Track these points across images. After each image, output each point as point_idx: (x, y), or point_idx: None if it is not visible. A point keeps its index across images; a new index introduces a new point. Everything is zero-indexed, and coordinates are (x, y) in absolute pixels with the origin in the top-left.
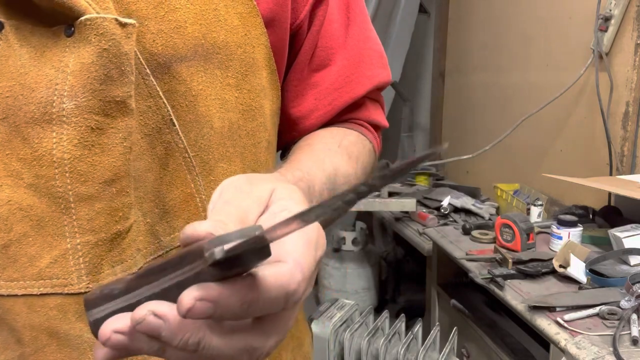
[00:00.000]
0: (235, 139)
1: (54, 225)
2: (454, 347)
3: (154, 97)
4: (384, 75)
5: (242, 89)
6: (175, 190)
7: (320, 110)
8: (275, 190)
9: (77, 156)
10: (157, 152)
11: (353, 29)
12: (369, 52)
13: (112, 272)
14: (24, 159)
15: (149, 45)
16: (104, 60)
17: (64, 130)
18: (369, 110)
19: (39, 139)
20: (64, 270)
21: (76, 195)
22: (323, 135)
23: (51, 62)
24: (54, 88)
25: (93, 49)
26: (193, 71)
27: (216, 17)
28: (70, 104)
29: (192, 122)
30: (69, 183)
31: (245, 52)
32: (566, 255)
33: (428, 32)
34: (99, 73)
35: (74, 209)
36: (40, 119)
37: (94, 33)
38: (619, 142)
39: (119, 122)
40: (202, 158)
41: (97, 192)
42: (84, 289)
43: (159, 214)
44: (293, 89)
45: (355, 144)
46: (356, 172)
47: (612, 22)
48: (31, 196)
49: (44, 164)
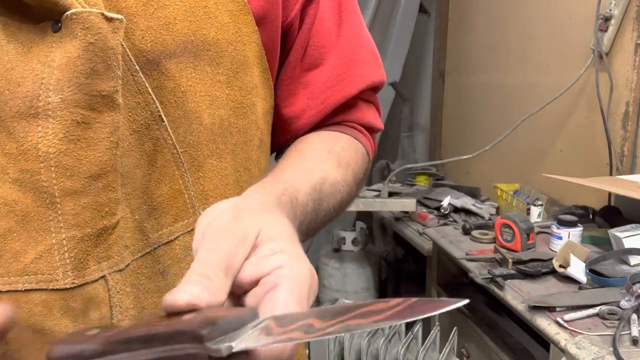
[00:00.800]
0: (226, 136)
1: (39, 220)
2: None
3: (142, 93)
4: (378, 75)
5: (233, 86)
6: (164, 186)
7: (312, 109)
8: (262, 230)
9: (62, 150)
10: (145, 148)
11: (345, 27)
12: (361, 51)
13: (98, 267)
14: (9, 153)
15: (138, 41)
16: (89, 54)
17: (49, 124)
18: (363, 112)
19: (25, 133)
20: (49, 266)
21: (61, 189)
22: (313, 140)
23: (38, 57)
24: (40, 82)
25: (79, 43)
26: (182, 67)
27: (206, 14)
28: (56, 98)
29: (180, 118)
30: (54, 177)
31: (236, 50)
32: (566, 255)
33: (428, 32)
34: (84, 67)
35: (59, 204)
36: (25, 113)
37: (80, 27)
38: (619, 142)
39: (105, 116)
40: (190, 154)
41: (83, 187)
42: (70, 284)
43: (147, 210)
44: (285, 88)
45: (346, 149)
46: (346, 179)
47: (612, 22)
48: (16, 191)
49: (29, 159)
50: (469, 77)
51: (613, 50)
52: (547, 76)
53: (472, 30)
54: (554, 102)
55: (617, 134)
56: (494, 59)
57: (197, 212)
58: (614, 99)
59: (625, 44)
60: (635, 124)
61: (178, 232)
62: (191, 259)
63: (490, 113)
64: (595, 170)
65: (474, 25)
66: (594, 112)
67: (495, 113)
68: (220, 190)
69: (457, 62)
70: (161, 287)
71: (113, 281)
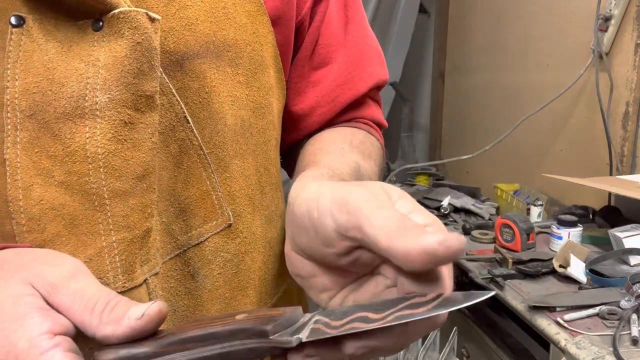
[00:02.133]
0: (247, 137)
1: (87, 224)
2: (454, 347)
3: (166, 94)
4: (383, 73)
5: (252, 86)
6: (191, 188)
7: (323, 107)
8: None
9: (111, 151)
10: (170, 150)
11: (352, 26)
12: (368, 50)
13: (141, 271)
14: (55, 156)
15: (160, 42)
16: (137, 54)
17: (97, 124)
18: (371, 109)
19: (71, 134)
20: (100, 270)
21: (111, 191)
22: (331, 135)
23: (79, 56)
24: (86, 82)
25: (126, 43)
26: (206, 68)
27: (225, 15)
28: (104, 98)
29: (206, 118)
30: (103, 179)
31: (254, 50)
32: (566, 255)
33: (428, 32)
34: (132, 66)
35: (109, 205)
36: (72, 113)
37: (127, 26)
38: (619, 142)
39: (147, 117)
40: (217, 155)
41: (131, 188)
42: (120, 288)
43: (175, 212)
44: (294, 86)
45: (365, 142)
46: (372, 169)
47: (612, 22)
48: (62, 194)
49: (76, 160)
50: (469, 77)
51: (613, 50)
52: (547, 76)
53: (472, 30)
54: (554, 102)
55: (617, 134)
56: (494, 59)
57: (225, 212)
58: (614, 99)
59: (625, 44)
60: (635, 124)
61: (207, 233)
62: (221, 260)
63: (490, 113)
64: (595, 170)
65: (474, 25)
66: (594, 112)
67: (495, 113)
68: (244, 191)
69: (457, 62)
70: (192, 289)
71: (152, 285)
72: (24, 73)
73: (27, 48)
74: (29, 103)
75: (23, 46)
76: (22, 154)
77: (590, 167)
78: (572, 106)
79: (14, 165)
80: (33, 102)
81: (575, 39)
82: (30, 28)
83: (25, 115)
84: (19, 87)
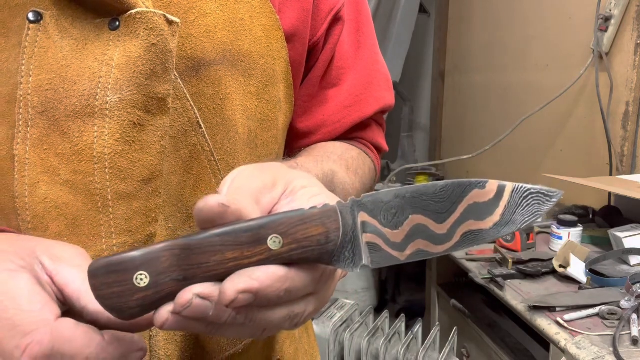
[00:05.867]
0: (253, 148)
1: (89, 225)
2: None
3: (181, 99)
4: (389, 99)
5: (262, 98)
6: (200, 194)
7: (328, 126)
8: (293, 181)
9: (118, 152)
10: (181, 155)
11: (363, 51)
12: (377, 75)
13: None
14: (62, 154)
15: (177, 48)
16: (151, 55)
17: (106, 124)
18: (374, 132)
19: (80, 133)
20: None
21: (115, 192)
22: (325, 145)
23: (94, 54)
24: (98, 81)
25: (141, 43)
26: (221, 75)
27: (242, 26)
28: (115, 98)
29: (219, 125)
30: (108, 180)
31: (267, 63)
32: (566, 255)
33: (428, 32)
34: (145, 68)
35: (112, 207)
36: (81, 112)
37: (143, 27)
38: (619, 142)
39: (157, 120)
40: (227, 162)
41: (136, 191)
42: None
43: (182, 218)
44: (302, 104)
45: (356, 159)
46: (354, 183)
47: (612, 22)
48: (67, 193)
49: (83, 159)
50: (469, 77)
51: (613, 50)
52: (547, 76)
53: (472, 30)
54: (554, 102)
55: (617, 134)
56: (494, 59)
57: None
58: (613, 99)
59: (625, 44)
60: (635, 124)
61: None
62: None
63: (490, 113)
64: (595, 170)
65: (474, 25)
66: (594, 112)
67: (495, 113)
68: None
69: (457, 62)
70: None
71: None
72: (37, 69)
73: (42, 44)
74: (41, 100)
75: (39, 42)
76: (31, 150)
77: (590, 167)
78: (572, 106)
79: (22, 162)
80: (45, 98)
81: (575, 39)
82: (47, 24)
83: (36, 111)
84: (32, 84)
